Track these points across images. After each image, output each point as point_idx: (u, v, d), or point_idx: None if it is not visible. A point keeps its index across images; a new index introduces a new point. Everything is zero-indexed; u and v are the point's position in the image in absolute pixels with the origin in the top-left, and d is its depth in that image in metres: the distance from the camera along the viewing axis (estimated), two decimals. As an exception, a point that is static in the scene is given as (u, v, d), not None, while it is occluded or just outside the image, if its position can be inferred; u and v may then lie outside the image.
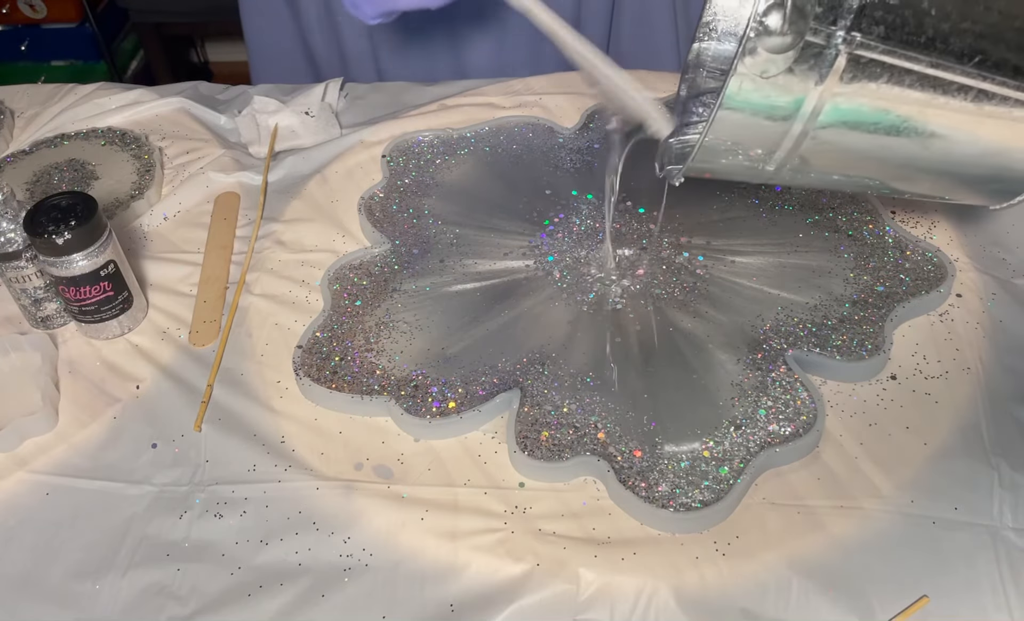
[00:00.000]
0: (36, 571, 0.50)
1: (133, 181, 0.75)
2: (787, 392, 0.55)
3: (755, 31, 0.42)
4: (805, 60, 0.44)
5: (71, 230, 0.57)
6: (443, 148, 0.76)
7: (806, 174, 0.52)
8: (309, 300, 0.65)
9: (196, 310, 0.65)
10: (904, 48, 0.44)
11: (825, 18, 0.43)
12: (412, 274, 0.65)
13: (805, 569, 0.48)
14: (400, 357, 0.59)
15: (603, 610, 0.47)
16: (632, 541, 0.49)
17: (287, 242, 0.69)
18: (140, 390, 0.59)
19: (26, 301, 0.62)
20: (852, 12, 0.43)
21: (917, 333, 0.60)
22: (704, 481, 0.51)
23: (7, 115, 0.84)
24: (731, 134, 0.48)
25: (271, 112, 0.80)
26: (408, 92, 0.85)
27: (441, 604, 0.47)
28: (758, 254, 0.64)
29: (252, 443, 0.56)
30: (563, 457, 0.52)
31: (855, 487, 0.51)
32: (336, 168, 0.76)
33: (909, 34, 0.44)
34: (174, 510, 0.53)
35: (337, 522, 0.51)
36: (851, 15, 0.43)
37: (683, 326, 0.60)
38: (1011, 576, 0.47)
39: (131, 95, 0.86)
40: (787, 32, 0.43)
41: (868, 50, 0.44)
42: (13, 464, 0.55)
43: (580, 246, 0.66)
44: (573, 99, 0.81)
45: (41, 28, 1.88)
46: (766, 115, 0.46)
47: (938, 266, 0.62)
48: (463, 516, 0.51)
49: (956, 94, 0.46)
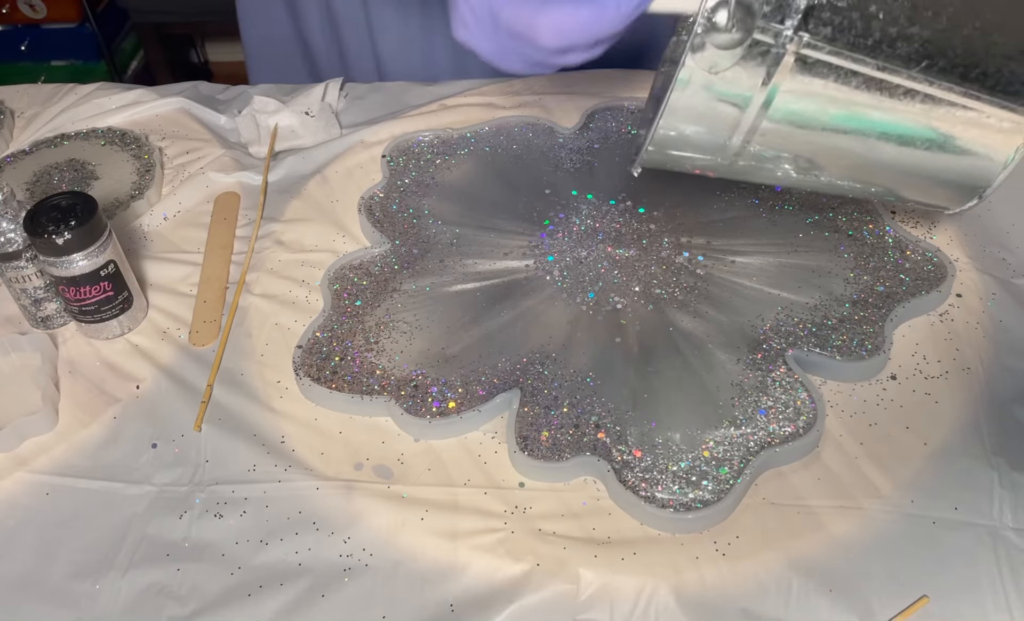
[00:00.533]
0: (36, 571, 0.50)
1: (133, 181, 0.75)
2: (787, 392, 0.55)
3: (703, 27, 0.43)
4: (753, 57, 0.45)
5: (71, 230, 0.57)
6: (443, 148, 0.76)
7: (760, 168, 0.52)
8: (309, 300, 0.65)
9: (196, 310, 0.65)
10: (851, 50, 0.45)
11: (773, 17, 0.43)
12: (412, 274, 0.65)
13: (805, 569, 0.48)
14: (400, 357, 0.59)
15: (603, 610, 0.47)
16: (632, 541, 0.49)
17: (287, 242, 0.69)
18: (140, 390, 0.59)
19: (26, 301, 0.62)
20: (800, 12, 0.43)
21: (917, 333, 0.60)
22: (704, 481, 0.51)
23: (7, 115, 0.84)
24: (683, 126, 0.48)
25: (271, 112, 0.80)
26: (408, 92, 0.85)
27: (441, 604, 0.47)
28: (758, 254, 0.64)
29: (252, 443, 0.56)
30: (563, 457, 0.52)
31: (855, 487, 0.51)
32: (336, 168, 0.76)
33: (856, 37, 0.44)
34: (174, 510, 0.53)
35: (337, 522, 0.51)
36: (799, 15, 0.43)
37: (683, 326, 0.60)
38: (1011, 576, 0.47)
39: (131, 95, 0.86)
40: (734, 29, 0.43)
41: (815, 50, 0.45)
42: (13, 464, 0.55)
43: (580, 246, 0.66)
44: (573, 99, 0.81)
45: (41, 28, 1.88)
46: (715, 109, 0.47)
47: (938, 266, 0.62)
48: (463, 516, 0.51)
49: (902, 98, 0.47)
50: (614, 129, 0.77)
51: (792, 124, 0.48)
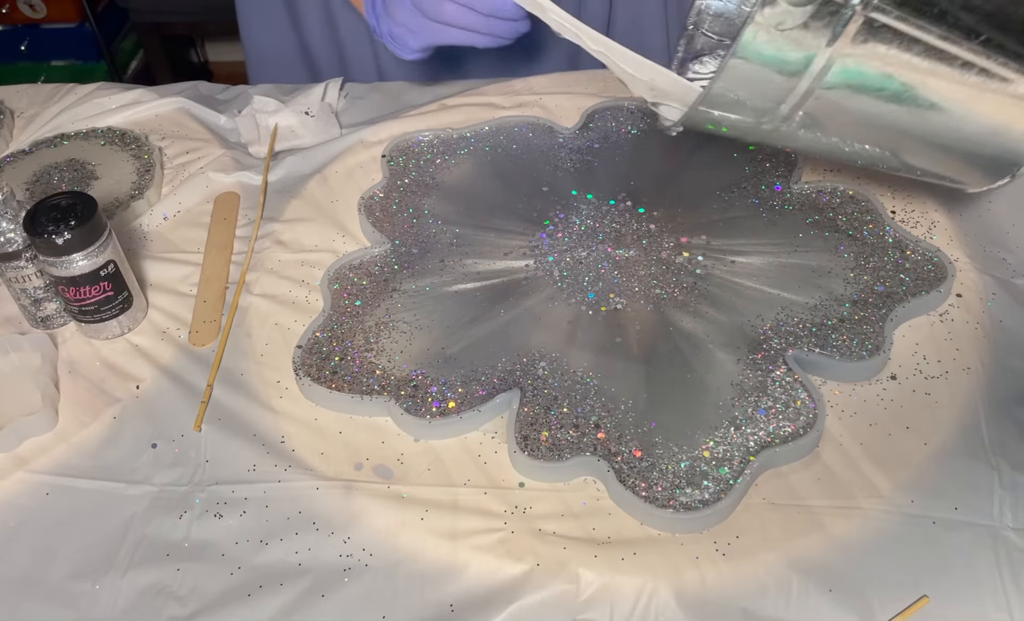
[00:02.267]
0: (36, 571, 0.50)
1: (133, 181, 0.75)
2: (787, 392, 0.55)
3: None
4: (821, 17, 0.45)
5: (71, 230, 0.57)
6: (443, 148, 0.76)
7: (803, 136, 0.52)
8: (309, 300, 0.65)
9: (196, 310, 0.65)
10: (917, 17, 0.45)
11: None
12: (412, 274, 0.65)
13: (805, 569, 0.48)
14: (400, 357, 0.59)
15: (603, 610, 0.47)
16: (632, 541, 0.49)
17: (287, 242, 0.69)
18: (140, 390, 0.59)
19: (26, 301, 0.62)
20: None
21: (917, 333, 0.60)
22: (704, 481, 0.51)
23: (7, 115, 0.84)
24: (738, 84, 0.48)
25: (271, 112, 0.80)
26: (408, 92, 0.85)
27: (441, 604, 0.47)
28: (758, 254, 0.64)
29: (252, 443, 0.56)
30: (563, 457, 0.52)
31: (855, 487, 0.51)
32: (336, 168, 0.76)
33: (923, 4, 0.45)
34: (174, 510, 0.53)
35: (337, 522, 0.51)
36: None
37: (683, 326, 0.60)
38: (1011, 576, 0.47)
39: (131, 95, 0.86)
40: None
41: (883, 14, 0.45)
42: (13, 464, 0.55)
43: (580, 246, 0.66)
44: (573, 99, 0.81)
45: (41, 28, 1.88)
46: (775, 68, 0.47)
47: (938, 266, 0.62)
48: (463, 516, 0.51)
49: (960, 69, 0.47)
50: (614, 129, 0.77)
51: (850, 88, 0.48)
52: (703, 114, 0.51)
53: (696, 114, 0.51)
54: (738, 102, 0.49)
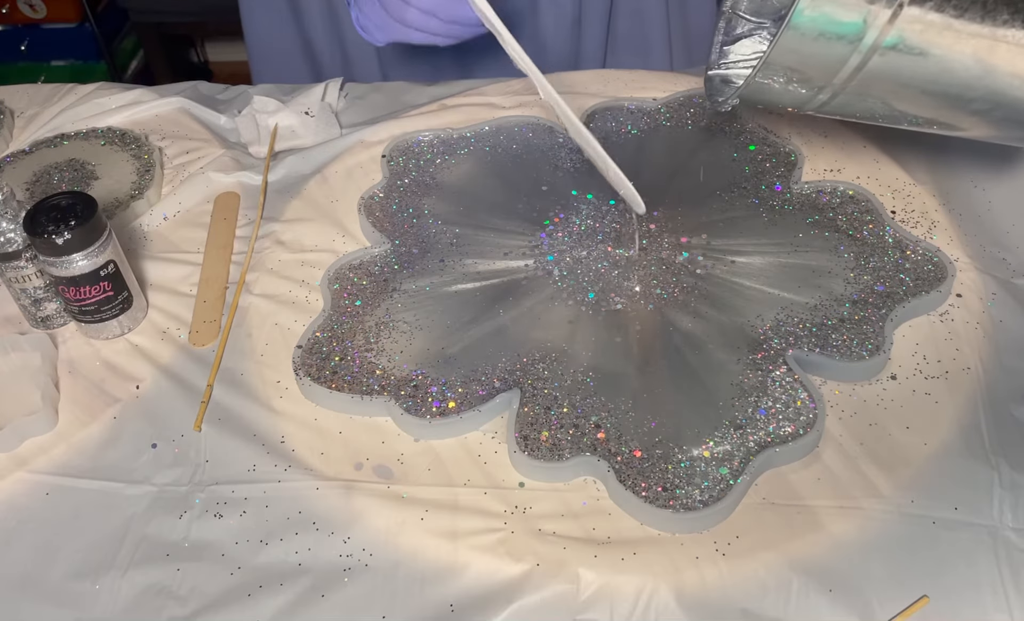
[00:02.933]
0: (36, 571, 0.50)
1: (133, 181, 0.75)
2: (787, 392, 0.55)
3: None
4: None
5: (71, 230, 0.57)
6: (443, 148, 0.76)
7: (856, 104, 0.52)
8: (309, 300, 0.65)
9: (196, 310, 0.65)
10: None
11: None
12: (412, 274, 0.65)
13: (805, 569, 0.48)
14: (400, 357, 0.59)
15: (603, 610, 0.47)
16: (632, 541, 0.49)
17: (287, 242, 0.69)
18: (140, 390, 0.59)
19: (26, 301, 0.62)
20: None
21: (917, 333, 0.60)
22: (704, 481, 0.51)
23: (7, 115, 0.84)
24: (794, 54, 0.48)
25: (271, 112, 0.80)
26: (408, 92, 0.85)
27: (441, 604, 0.48)
28: (758, 254, 0.64)
29: (252, 443, 0.56)
30: (563, 457, 0.52)
31: (855, 487, 0.51)
32: (336, 168, 0.76)
33: None
34: (174, 510, 0.53)
35: (337, 522, 0.51)
36: None
37: (683, 326, 0.60)
38: (1011, 576, 0.47)
39: (131, 95, 0.86)
40: None
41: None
42: (13, 464, 0.55)
43: (580, 246, 0.66)
44: (573, 99, 0.81)
45: (41, 28, 1.88)
46: (832, 36, 0.47)
47: (938, 266, 0.62)
48: (463, 516, 0.51)
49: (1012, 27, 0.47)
50: (614, 129, 0.77)
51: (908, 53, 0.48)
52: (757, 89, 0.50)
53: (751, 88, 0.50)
54: (792, 73, 0.49)
